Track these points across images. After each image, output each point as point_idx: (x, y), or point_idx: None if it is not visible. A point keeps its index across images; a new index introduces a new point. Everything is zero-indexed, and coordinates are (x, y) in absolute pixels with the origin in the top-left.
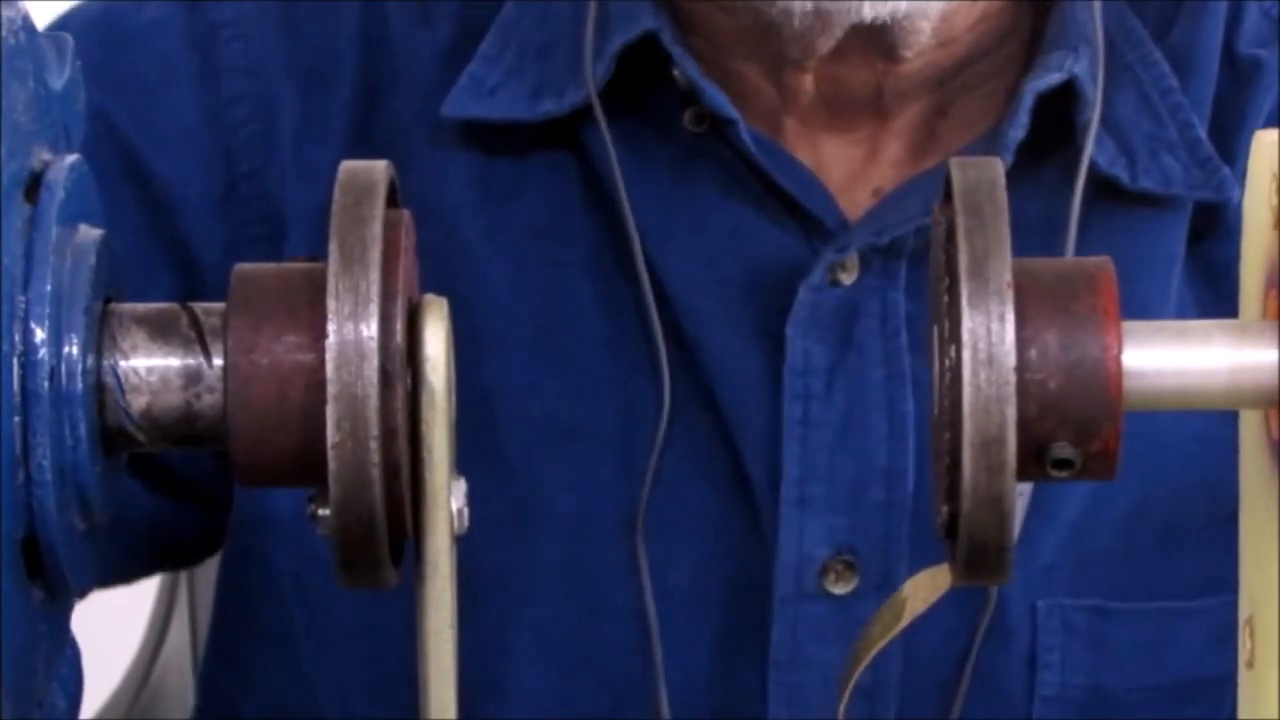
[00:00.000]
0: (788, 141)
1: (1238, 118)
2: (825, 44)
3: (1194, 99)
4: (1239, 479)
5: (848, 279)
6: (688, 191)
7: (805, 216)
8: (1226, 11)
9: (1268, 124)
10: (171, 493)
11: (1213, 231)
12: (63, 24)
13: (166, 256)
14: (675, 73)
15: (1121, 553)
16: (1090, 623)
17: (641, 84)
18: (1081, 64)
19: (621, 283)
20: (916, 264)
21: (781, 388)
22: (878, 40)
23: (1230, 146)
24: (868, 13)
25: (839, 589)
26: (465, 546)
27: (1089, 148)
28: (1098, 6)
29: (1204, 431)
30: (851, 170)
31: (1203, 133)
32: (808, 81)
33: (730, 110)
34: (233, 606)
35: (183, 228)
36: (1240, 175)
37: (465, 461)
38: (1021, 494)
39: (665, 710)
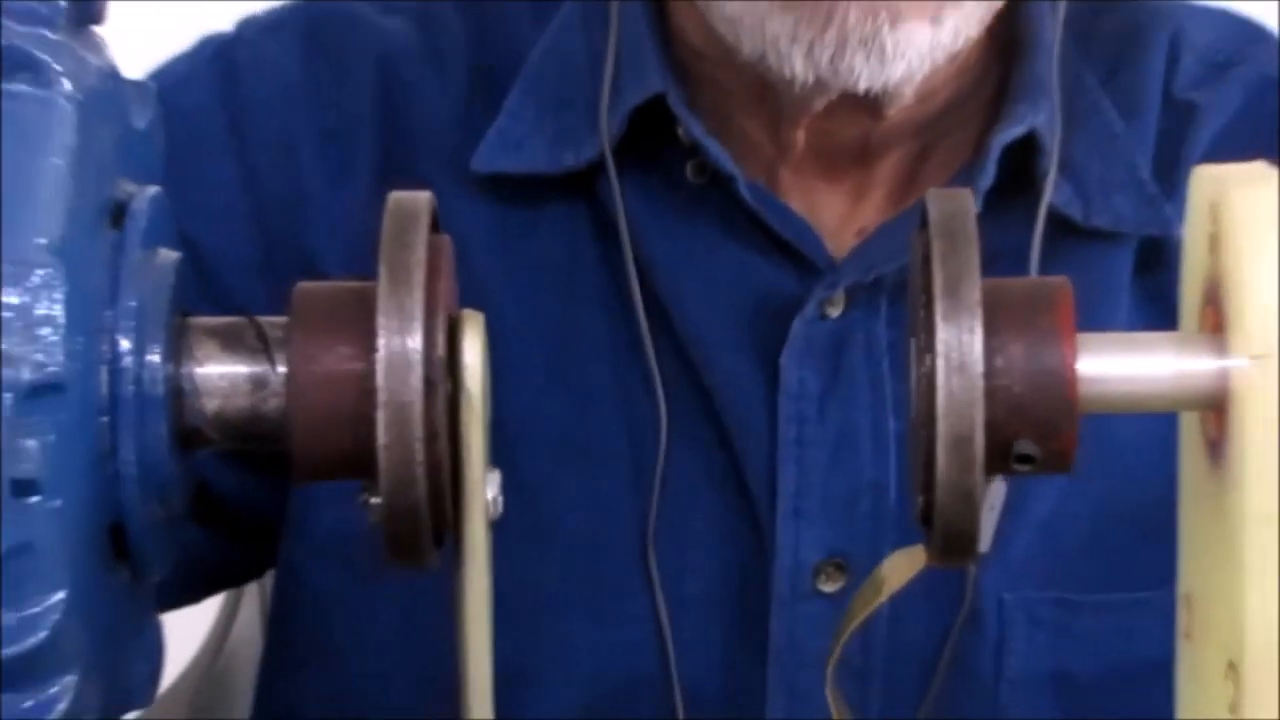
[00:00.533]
0: (782, 188)
1: (1177, 155)
2: (819, 105)
3: (1139, 138)
4: (1179, 473)
5: (835, 312)
6: (692, 235)
7: (798, 257)
8: (1165, 58)
9: (1204, 160)
10: (221, 526)
11: (1156, 262)
12: None
13: (211, 311)
14: (680, 131)
15: (1086, 549)
16: (1054, 614)
17: (651, 136)
18: (1041, 116)
19: (629, 317)
20: (896, 297)
21: (778, 411)
22: (865, 100)
23: (1171, 180)
24: (863, 83)
25: (829, 587)
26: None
27: (1048, 191)
28: (1055, 63)
29: (1162, 439)
30: (839, 213)
31: (1147, 174)
32: (801, 136)
33: (730, 166)
34: (282, 616)
35: (226, 287)
36: (1180, 206)
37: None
38: (992, 508)
39: (680, 710)
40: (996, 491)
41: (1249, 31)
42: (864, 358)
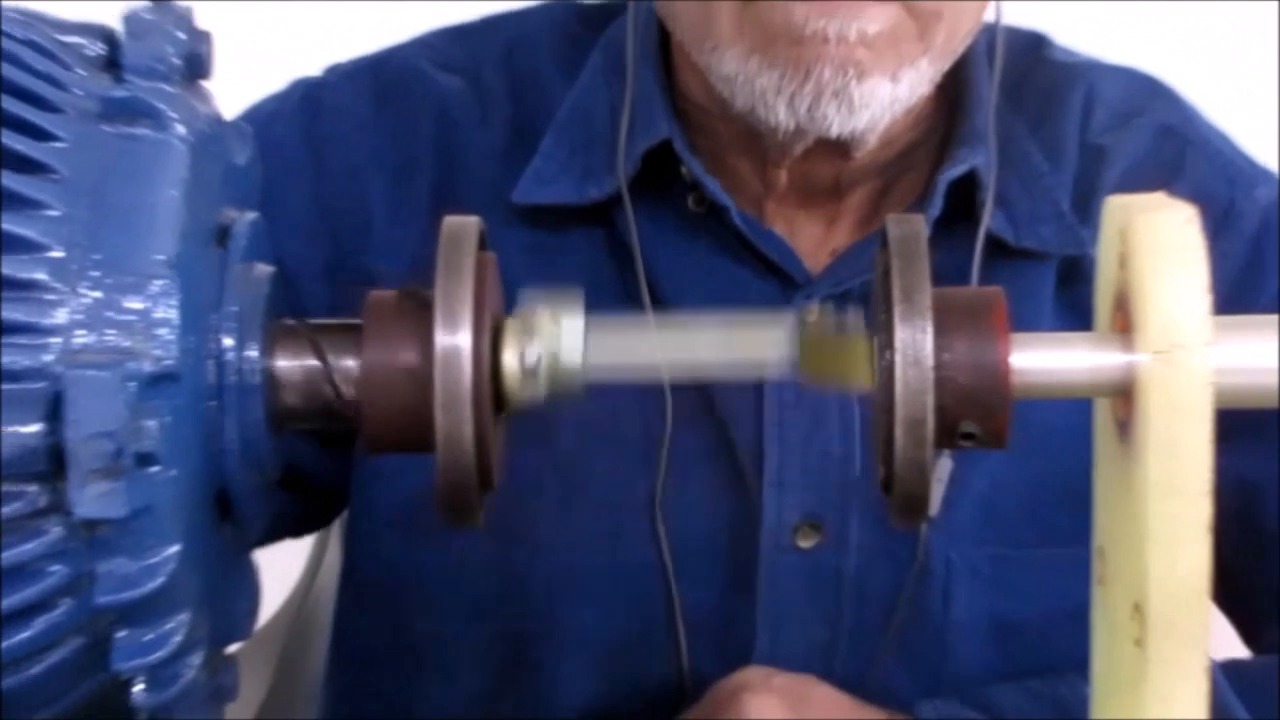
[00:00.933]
0: (767, 217)
1: (1091, 189)
2: (799, 149)
3: (1060, 177)
4: (1094, 448)
5: (811, 319)
6: (693, 255)
7: (781, 274)
8: (1081, 110)
9: (1113, 193)
10: (297, 491)
11: (1073, 277)
12: None
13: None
14: (683, 170)
15: (1018, 513)
16: (992, 568)
17: (659, 174)
18: (980, 158)
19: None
20: (865, 306)
21: (763, 400)
22: (837, 145)
23: (1086, 210)
24: (834, 130)
25: (806, 544)
26: (525, 518)
27: (986, 219)
28: (991, 115)
29: (1080, 422)
30: (815, 238)
31: (1067, 205)
32: (783, 175)
33: (725, 199)
34: (351, 567)
35: (298, 292)
36: (1094, 232)
37: (531, 455)
38: (940, 480)
39: (682, 636)
40: (943, 466)
41: (1150, 86)
42: None
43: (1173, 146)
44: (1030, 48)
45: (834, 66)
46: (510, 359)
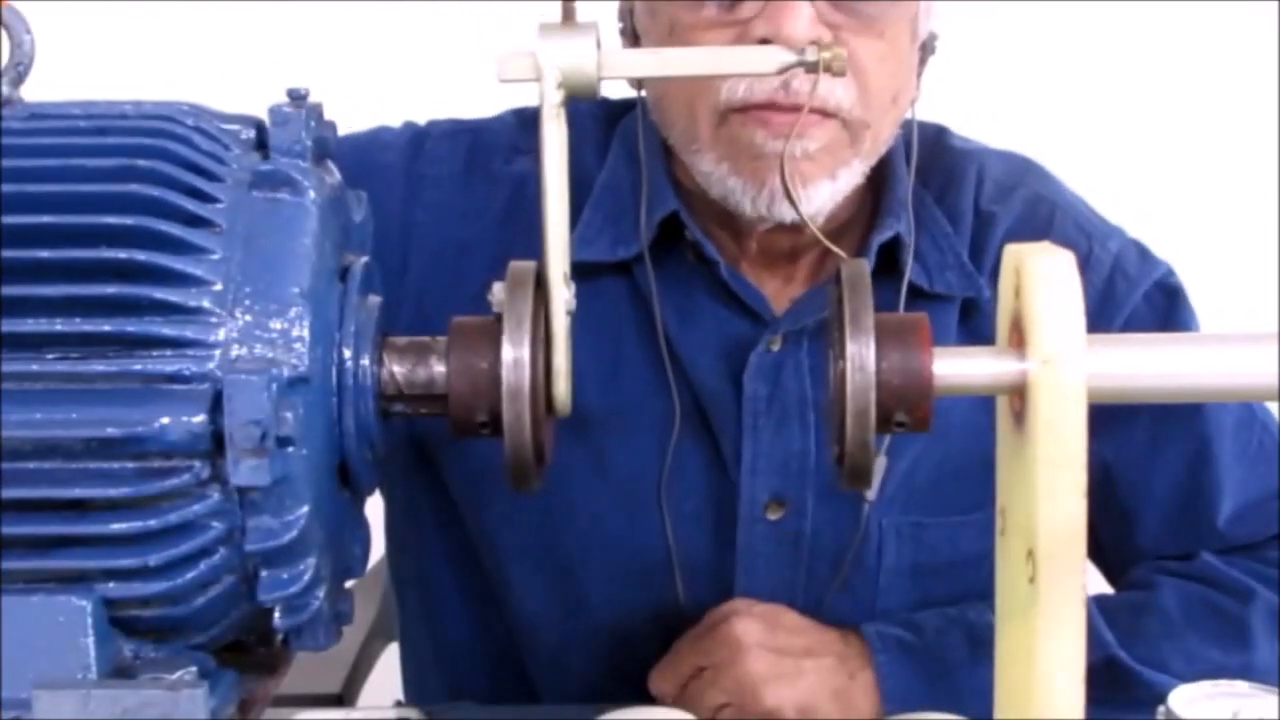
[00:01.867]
0: (744, 271)
1: (983, 246)
2: (763, 228)
3: (960, 236)
4: (997, 432)
5: (776, 348)
6: (693, 299)
7: (754, 315)
8: (975, 184)
9: (999, 247)
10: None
11: (972, 314)
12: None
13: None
14: (686, 234)
15: (932, 488)
16: (912, 530)
17: (669, 237)
18: (901, 224)
19: (655, 351)
20: (815, 339)
21: (742, 408)
22: (792, 226)
23: (980, 262)
24: (788, 218)
25: (773, 516)
26: (557, 491)
27: (907, 271)
28: (910, 191)
29: (980, 417)
30: (777, 288)
31: (966, 258)
32: (753, 243)
33: (715, 255)
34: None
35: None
36: (987, 280)
37: (571, 441)
38: (877, 473)
39: (679, 584)
40: (880, 463)
41: (1025, 165)
42: (794, 374)
43: (1044, 210)
44: (935, 137)
45: (786, 176)
46: (559, 363)
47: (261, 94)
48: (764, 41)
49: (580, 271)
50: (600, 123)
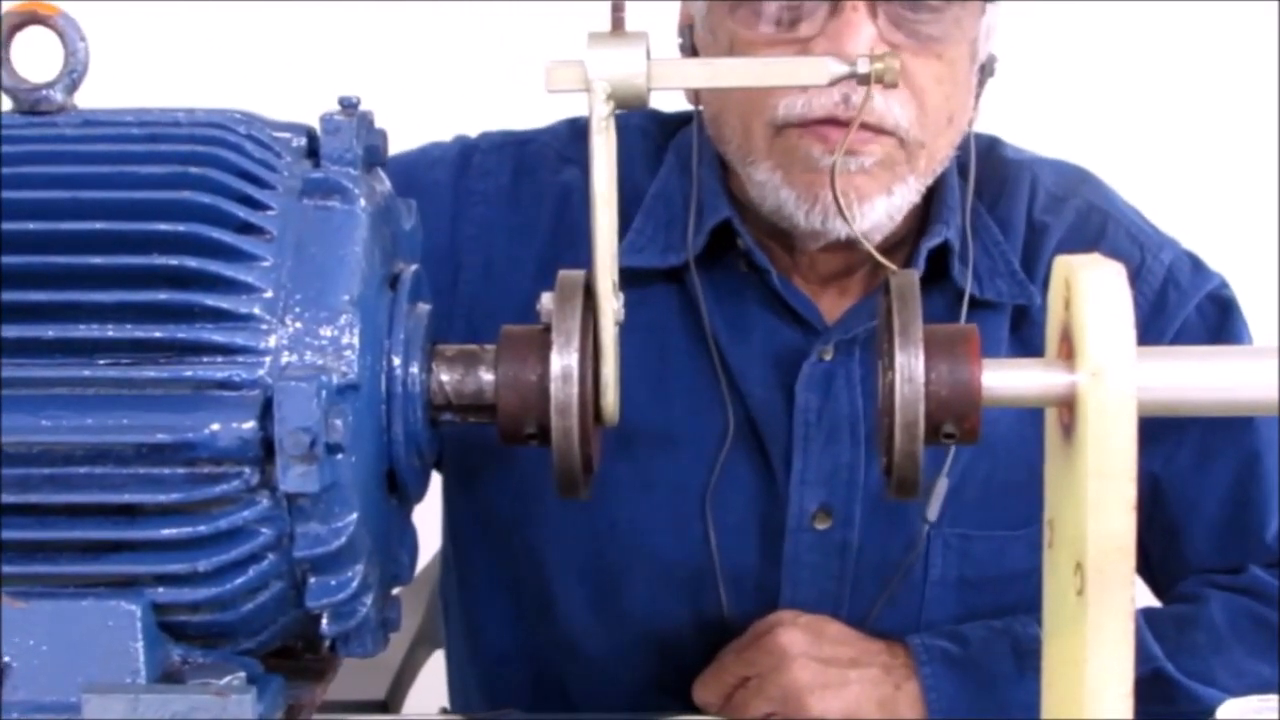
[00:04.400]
0: (796, 281)
1: (1036, 255)
2: (815, 245)
3: (1012, 247)
4: (1045, 444)
5: (828, 358)
6: (742, 306)
7: (806, 324)
8: (1027, 194)
9: (1051, 257)
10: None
11: (1022, 322)
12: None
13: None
14: (739, 242)
15: (979, 501)
16: (959, 543)
17: (720, 245)
18: (951, 230)
19: (705, 360)
20: (865, 348)
21: (793, 418)
22: (846, 242)
23: (1033, 270)
24: (840, 231)
25: (821, 526)
26: (605, 502)
27: (960, 277)
28: (959, 200)
29: (1030, 429)
30: (830, 299)
31: (1018, 267)
32: (806, 259)
33: (767, 264)
34: (464, 533)
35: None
36: (1039, 288)
37: (617, 453)
38: (940, 491)
39: (723, 595)
40: (941, 484)
41: (1079, 174)
42: (845, 386)
43: (1097, 220)
44: (988, 148)
45: (839, 191)
46: (607, 373)
47: (314, 102)
48: None
49: (630, 279)
50: (650, 136)
